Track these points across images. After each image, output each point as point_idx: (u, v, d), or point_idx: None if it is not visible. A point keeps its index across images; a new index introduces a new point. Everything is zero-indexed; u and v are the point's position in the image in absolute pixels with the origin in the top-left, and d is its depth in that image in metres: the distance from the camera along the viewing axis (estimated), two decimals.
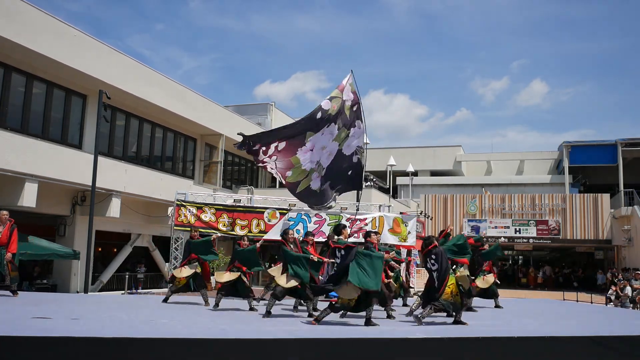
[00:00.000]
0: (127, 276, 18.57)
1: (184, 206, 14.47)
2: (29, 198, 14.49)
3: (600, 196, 28.75)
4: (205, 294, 10.22)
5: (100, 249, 20.42)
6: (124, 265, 20.52)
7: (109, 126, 18.42)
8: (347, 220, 13.97)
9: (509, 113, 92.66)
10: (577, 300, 18.19)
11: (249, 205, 15.67)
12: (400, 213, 17.83)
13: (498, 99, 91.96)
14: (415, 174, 32.98)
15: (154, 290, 19.40)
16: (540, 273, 31.49)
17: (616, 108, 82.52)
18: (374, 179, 28.64)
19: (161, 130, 21.56)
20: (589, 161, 33.41)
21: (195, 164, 23.75)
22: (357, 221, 14.03)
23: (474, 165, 40.03)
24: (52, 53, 15.22)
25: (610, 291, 19.45)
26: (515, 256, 38.27)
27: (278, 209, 14.79)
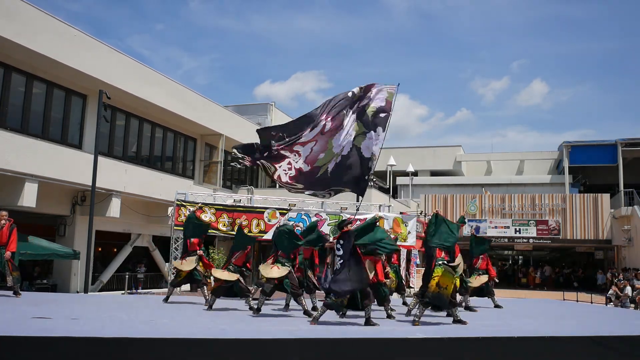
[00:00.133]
0: (127, 276, 18.58)
1: (184, 206, 14.47)
2: (29, 198, 14.49)
3: (600, 196, 28.74)
4: (205, 294, 10.23)
5: (100, 249, 20.42)
6: (125, 265, 20.53)
7: (109, 126, 18.43)
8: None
9: (509, 113, 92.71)
10: (577, 300, 18.18)
11: (249, 205, 15.68)
12: (400, 213, 17.85)
13: (498, 99, 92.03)
14: (415, 174, 32.97)
15: (154, 290, 19.41)
16: (537, 273, 31.50)
17: (616, 108, 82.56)
18: (374, 179, 28.63)
19: (161, 130, 21.56)
20: (589, 161, 33.41)
21: (195, 164, 23.75)
22: (357, 221, 14.00)
23: (474, 165, 40.03)
24: (52, 53, 15.22)
25: (610, 291, 19.46)
26: (515, 256, 38.27)
27: (278, 209, 14.80)
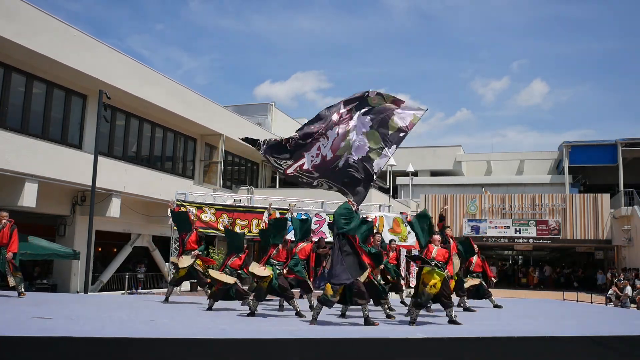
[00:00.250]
0: (127, 276, 18.57)
1: (184, 206, 14.48)
2: (29, 198, 14.48)
3: (600, 196, 28.73)
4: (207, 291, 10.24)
5: (100, 249, 20.42)
6: (125, 265, 20.52)
7: (109, 126, 18.42)
8: None
9: (509, 113, 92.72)
10: (577, 300, 18.18)
11: (249, 205, 15.69)
12: (400, 213, 17.86)
13: (498, 99, 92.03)
14: (415, 174, 32.96)
15: (154, 290, 19.40)
16: (536, 273, 31.50)
17: (616, 108, 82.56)
18: (374, 179, 28.55)
19: (161, 130, 21.56)
20: (589, 161, 33.40)
21: (195, 164, 23.74)
22: None
23: (474, 165, 40.02)
24: (52, 53, 15.21)
25: (610, 291, 19.47)
26: (515, 256, 38.28)
27: (278, 209, 14.81)
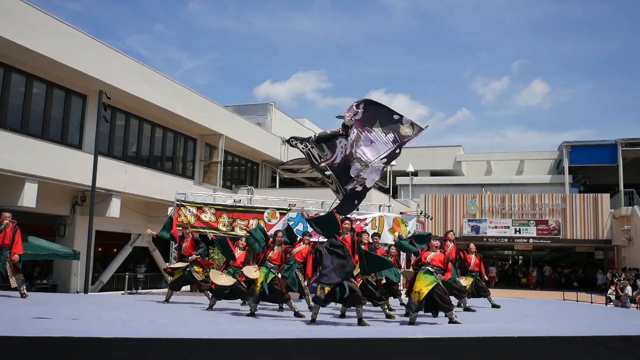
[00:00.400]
0: (127, 276, 18.57)
1: (184, 206, 14.47)
2: (29, 198, 14.48)
3: (600, 196, 28.72)
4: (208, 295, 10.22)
5: (100, 249, 20.41)
6: (125, 265, 20.51)
7: (109, 126, 18.41)
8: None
9: (509, 113, 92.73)
10: (577, 300, 18.17)
11: (249, 205, 15.68)
12: (400, 213, 17.87)
13: (498, 99, 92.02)
14: (415, 174, 32.94)
15: (154, 290, 19.39)
16: (534, 273, 31.48)
17: (616, 108, 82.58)
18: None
19: (161, 130, 21.55)
20: (589, 161, 33.39)
21: (195, 164, 23.73)
22: (357, 221, 14.03)
23: (474, 165, 40.01)
24: (52, 53, 15.20)
25: (610, 291, 19.47)
26: (515, 256, 38.29)
27: (278, 209, 14.80)
